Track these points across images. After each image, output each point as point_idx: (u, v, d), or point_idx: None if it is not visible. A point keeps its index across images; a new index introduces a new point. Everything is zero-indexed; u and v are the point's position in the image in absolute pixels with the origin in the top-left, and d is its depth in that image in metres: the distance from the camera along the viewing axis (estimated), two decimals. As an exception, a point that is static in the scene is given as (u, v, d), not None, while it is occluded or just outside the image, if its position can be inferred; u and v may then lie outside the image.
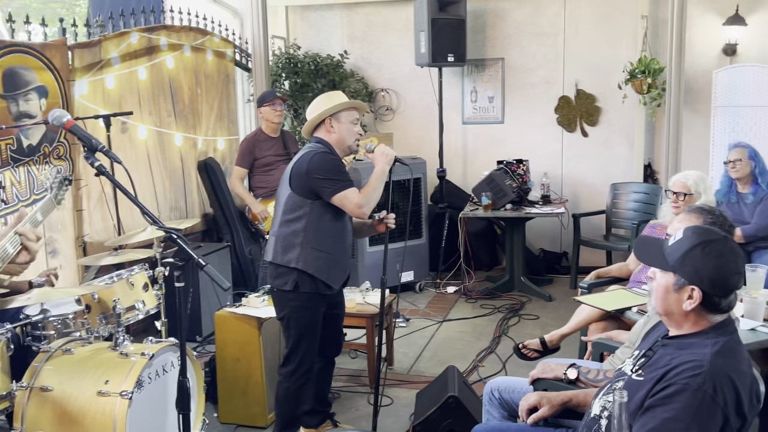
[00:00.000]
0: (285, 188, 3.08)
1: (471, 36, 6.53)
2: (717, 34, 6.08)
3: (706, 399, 1.70)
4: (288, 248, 3.04)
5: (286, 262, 3.04)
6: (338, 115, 3.10)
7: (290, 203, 3.05)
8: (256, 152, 4.85)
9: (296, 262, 3.02)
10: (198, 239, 5.72)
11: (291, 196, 3.05)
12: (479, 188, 5.87)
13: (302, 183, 3.01)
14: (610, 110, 6.47)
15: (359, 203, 2.99)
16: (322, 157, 3.02)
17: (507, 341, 4.80)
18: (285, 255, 3.04)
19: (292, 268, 3.03)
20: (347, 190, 2.99)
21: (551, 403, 2.26)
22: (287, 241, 3.04)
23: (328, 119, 3.10)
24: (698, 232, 1.85)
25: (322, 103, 3.13)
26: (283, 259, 3.05)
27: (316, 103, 3.15)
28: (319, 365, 3.31)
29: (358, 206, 2.99)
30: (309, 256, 3.02)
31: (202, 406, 3.35)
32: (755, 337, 2.77)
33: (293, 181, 3.04)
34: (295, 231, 3.03)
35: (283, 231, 3.06)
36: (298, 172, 3.03)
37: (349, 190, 3.00)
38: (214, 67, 5.98)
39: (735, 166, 4.55)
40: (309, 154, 3.03)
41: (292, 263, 3.02)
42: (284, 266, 3.05)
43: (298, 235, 3.03)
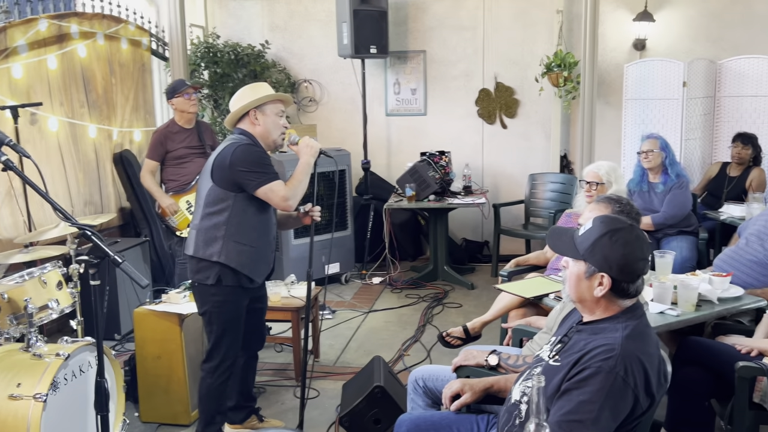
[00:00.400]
0: (206, 180, 3.01)
1: (393, 28, 6.57)
2: (627, 29, 6.34)
3: (618, 381, 1.79)
4: (210, 242, 2.98)
5: (208, 255, 2.97)
6: (263, 107, 3.04)
7: (212, 196, 2.98)
8: (168, 144, 4.69)
9: (218, 256, 2.96)
10: (115, 234, 5.54)
11: (213, 188, 2.98)
12: (403, 180, 5.92)
13: (225, 175, 2.95)
14: (528, 103, 6.65)
15: (285, 196, 2.95)
16: (246, 149, 2.96)
17: (431, 330, 4.88)
18: (207, 249, 2.98)
19: (214, 262, 2.97)
20: (273, 183, 2.95)
21: (473, 390, 2.31)
22: (209, 234, 2.98)
23: (253, 111, 3.03)
24: (606, 222, 1.93)
25: (246, 94, 3.06)
26: (204, 252, 2.98)
27: (240, 95, 3.08)
28: (242, 360, 3.27)
29: (284, 199, 2.96)
30: (232, 250, 2.97)
31: (122, 406, 3.27)
32: (663, 320, 2.91)
33: (215, 174, 2.97)
34: (217, 224, 2.97)
35: (204, 224, 3.00)
36: (220, 164, 2.96)
37: (275, 182, 2.96)
38: (129, 56, 5.78)
39: (647, 156, 4.75)
40: (232, 146, 2.97)
41: (214, 257, 2.97)
42: (206, 260, 2.98)
43: (220, 228, 2.97)
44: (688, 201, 4.72)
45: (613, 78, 6.41)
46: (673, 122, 5.80)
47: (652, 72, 5.89)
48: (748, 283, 3.41)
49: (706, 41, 6.25)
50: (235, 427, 3.41)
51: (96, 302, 2.02)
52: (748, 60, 5.77)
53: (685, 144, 5.79)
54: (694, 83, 5.75)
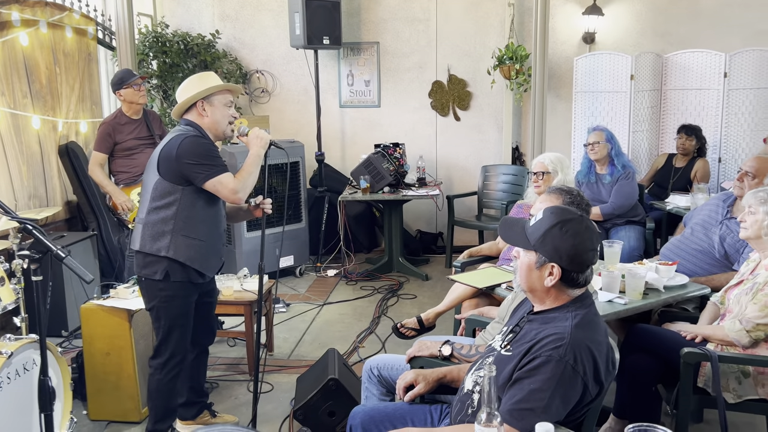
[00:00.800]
0: (153, 174, 2.93)
1: (346, 19, 6.53)
2: (577, 22, 6.43)
3: (568, 369, 1.81)
4: (157, 236, 2.91)
5: (156, 250, 2.91)
6: (211, 98, 2.96)
7: (159, 189, 2.91)
8: (117, 136, 4.58)
9: (167, 251, 2.90)
10: (62, 228, 5.38)
11: (160, 182, 2.90)
12: (358, 171, 5.91)
13: (172, 168, 2.87)
14: (481, 95, 6.69)
15: (234, 189, 2.90)
16: (193, 141, 2.88)
17: (386, 321, 4.89)
18: (154, 243, 2.91)
19: (161, 257, 2.91)
20: (221, 176, 2.89)
21: (427, 380, 2.32)
22: (156, 228, 2.91)
23: (201, 102, 2.96)
24: (556, 213, 1.95)
25: (193, 84, 2.98)
26: (152, 247, 2.92)
27: (186, 85, 3.00)
28: (192, 355, 3.22)
29: (233, 192, 2.90)
30: (180, 244, 2.92)
31: (69, 404, 3.19)
32: (612, 308, 2.97)
33: (162, 167, 2.90)
34: (164, 218, 2.90)
35: (151, 218, 2.93)
36: (167, 156, 2.88)
37: (224, 175, 2.90)
38: (75, 45, 5.61)
39: (594, 148, 4.84)
40: (178, 137, 2.89)
41: (162, 252, 2.90)
42: (153, 255, 2.92)
43: (168, 222, 2.90)
44: (635, 191, 4.83)
45: (564, 71, 6.50)
46: (621, 114, 5.91)
47: (601, 65, 5.99)
48: (693, 271, 3.51)
49: (653, 35, 6.39)
50: (188, 423, 3.36)
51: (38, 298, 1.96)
52: (693, 54, 5.92)
53: (632, 136, 5.91)
54: (642, 76, 5.87)
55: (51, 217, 5.13)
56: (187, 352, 3.10)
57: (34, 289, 1.98)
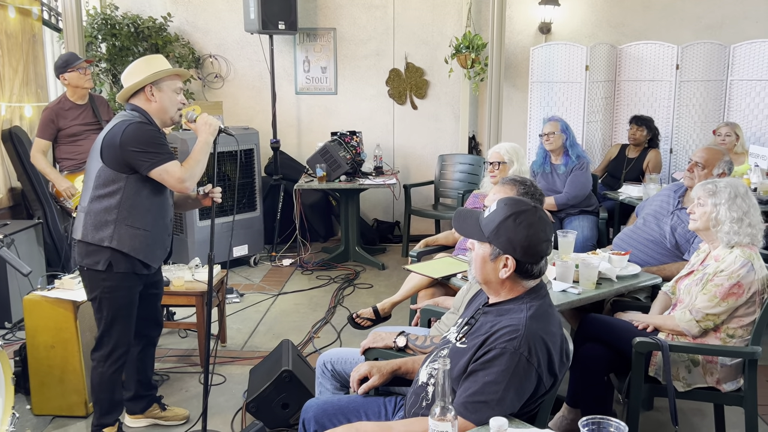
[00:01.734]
0: (96, 161, 2.82)
1: (302, 4, 6.42)
2: (534, 12, 6.46)
3: (522, 361, 1.80)
4: (100, 226, 2.81)
5: (98, 240, 2.81)
6: (160, 83, 2.86)
7: (102, 177, 2.80)
8: (60, 122, 4.41)
9: (109, 241, 2.81)
10: (6, 216, 5.19)
11: (103, 169, 2.80)
12: (314, 160, 5.83)
13: (116, 156, 2.77)
14: (438, 84, 6.67)
15: (181, 177, 2.81)
16: (138, 128, 2.77)
17: (342, 311, 4.85)
18: (97, 233, 2.82)
19: (104, 247, 2.82)
20: (168, 164, 2.80)
21: (381, 372, 2.29)
22: (99, 218, 2.82)
23: (149, 87, 2.85)
24: (510, 204, 1.93)
25: (141, 68, 2.87)
26: (94, 237, 2.82)
27: (134, 68, 2.89)
28: (138, 348, 3.14)
29: (180, 180, 2.81)
30: (124, 234, 2.82)
31: (11, 399, 3.06)
32: (566, 298, 2.98)
33: (105, 154, 2.79)
34: (108, 207, 2.81)
35: (94, 207, 2.83)
36: (110, 143, 2.77)
37: (170, 163, 2.81)
38: (18, 25, 5.39)
39: (549, 138, 4.87)
40: (123, 124, 2.78)
41: (105, 242, 2.81)
42: (95, 245, 2.82)
43: (111, 211, 2.81)
44: (589, 182, 4.88)
45: (520, 61, 6.52)
46: (576, 105, 5.96)
47: (556, 55, 6.02)
48: (645, 261, 3.55)
49: (608, 26, 6.45)
50: (136, 417, 3.28)
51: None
52: (647, 45, 6.00)
53: (587, 126, 5.97)
54: (596, 67, 5.93)
55: (-7, 205, 4.94)
56: (130, 344, 3.01)
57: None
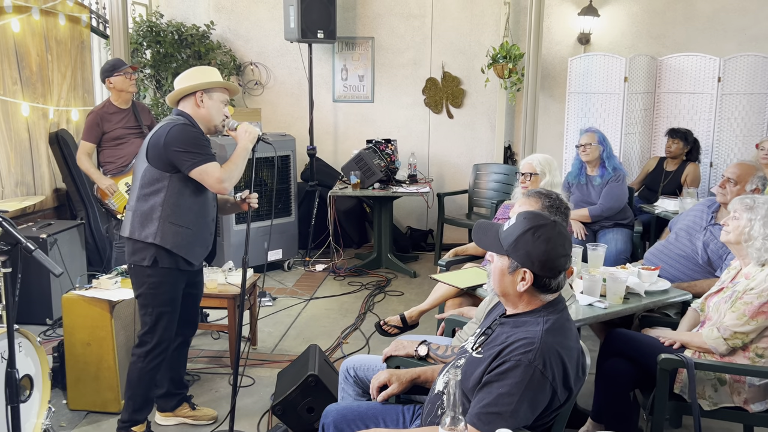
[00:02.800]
0: (142, 161, 2.97)
1: (341, 13, 6.50)
2: (572, 23, 6.42)
3: (537, 374, 1.81)
4: (146, 223, 2.94)
5: (144, 237, 2.94)
6: (211, 92, 3.01)
7: (147, 177, 2.95)
8: (105, 126, 4.57)
9: (154, 238, 2.93)
10: (51, 216, 5.37)
11: (148, 169, 2.94)
12: (348, 167, 5.89)
13: (160, 156, 2.90)
14: (474, 93, 6.68)
15: (220, 178, 2.92)
16: (182, 129, 2.91)
17: (372, 318, 4.89)
18: (142, 230, 2.94)
19: (149, 244, 2.94)
20: (207, 164, 2.91)
21: (400, 380, 2.32)
22: (145, 216, 2.95)
23: (200, 93, 2.99)
24: (529, 218, 1.95)
25: (196, 75, 3.02)
26: (140, 234, 2.95)
27: (188, 74, 3.03)
28: (174, 345, 3.22)
29: (218, 181, 2.92)
30: (168, 231, 2.94)
31: (47, 394, 3.18)
32: (592, 312, 2.96)
33: (150, 154, 2.93)
34: (153, 205, 2.94)
35: (140, 206, 2.96)
36: (155, 144, 2.91)
37: (210, 164, 2.92)
38: (68, 32, 5.59)
39: (585, 149, 4.84)
40: (168, 125, 2.93)
41: (149, 238, 2.93)
42: (141, 241, 2.95)
43: (156, 209, 2.93)
44: (624, 194, 4.83)
45: (558, 71, 6.49)
46: (613, 116, 5.90)
47: (595, 66, 5.98)
48: (675, 276, 3.51)
49: (648, 37, 6.38)
50: (166, 415, 3.36)
51: (7, 291, 1.95)
52: (688, 57, 5.91)
53: (624, 138, 5.91)
54: (636, 78, 5.86)
55: (39, 205, 5.12)
56: (171, 340, 3.11)
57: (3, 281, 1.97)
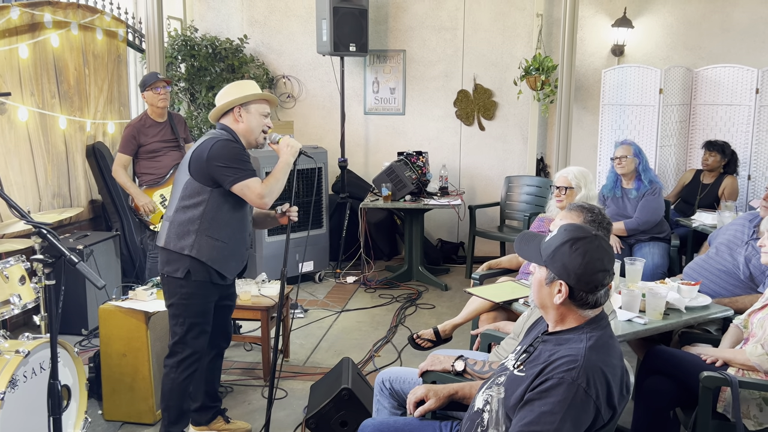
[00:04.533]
0: (184, 173, 3.00)
1: (373, 26, 6.54)
2: (606, 34, 6.36)
3: (580, 392, 1.77)
4: (183, 235, 2.96)
5: (180, 248, 2.96)
6: (248, 105, 3.03)
7: (189, 189, 2.97)
8: (141, 138, 4.64)
9: (190, 250, 2.95)
10: (86, 227, 5.45)
11: (190, 182, 2.96)
12: (380, 179, 5.89)
13: (202, 169, 2.93)
14: (506, 105, 6.65)
15: (261, 193, 2.94)
16: (224, 145, 2.93)
17: (403, 331, 4.87)
18: (179, 241, 2.97)
19: (185, 255, 2.96)
20: (249, 180, 2.93)
21: (437, 396, 2.30)
22: (182, 227, 2.97)
23: (238, 108, 3.02)
24: (569, 230, 1.92)
25: (233, 90, 3.05)
26: (176, 245, 2.97)
27: (227, 90, 3.07)
28: (208, 358, 3.24)
29: (260, 196, 2.94)
30: (204, 245, 2.96)
31: (84, 404, 3.22)
32: (631, 328, 2.91)
33: (193, 167, 2.95)
34: (191, 218, 2.96)
35: (179, 217, 2.98)
36: (198, 157, 2.94)
37: (251, 179, 2.94)
38: (105, 47, 5.69)
39: (621, 162, 4.78)
40: (211, 140, 2.95)
41: (185, 250, 2.95)
42: (177, 252, 2.97)
43: (194, 222, 2.96)
44: (661, 207, 4.75)
45: (591, 83, 6.43)
46: (648, 128, 5.83)
47: (629, 78, 5.91)
48: (716, 292, 3.43)
49: (683, 49, 6.29)
50: (201, 429, 3.36)
51: (50, 303, 1.96)
52: (724, 68, 5.82)
53: (660, 150, 5.82)
54: (671, 90, 5.78)
55: (75, 217, 5.20)
56: (203, 352, 3.12)
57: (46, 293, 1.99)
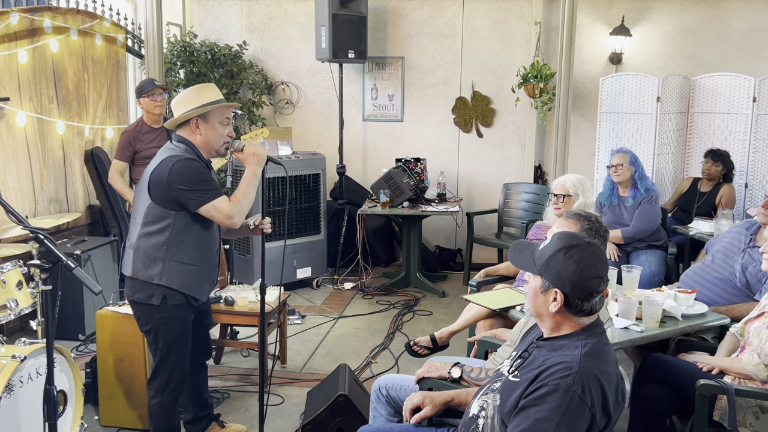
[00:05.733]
0: (144, 198, 2.79)
1: (372, 33, 6.56)
2: (604, 43, 6.39)
3: (575, 399, 1.78)
4: (149, 263, 2.79)
5: (149, 278, 2.79)
6: (207, 115, 2.83)
7: (152, 214, 2.77)
8: (137, 145, 4.64)
9: (159, 278, 2.79)
10: (84, 233, 5.45)
11: (152, 206, 2.77)
12: (378, 185, 5.90)
13: (164, 193, 2.73)
14: (504, 112, 6.67)
15: (229, 213, 2.77)
16: (184, 165, 2.73)
17: (401, 337, 4.86)
18: (146, 270, 2.79)
19: (155, 284, 2.80)
20: (216, 200, 2.76)
21: (434, 403, 2.30)
22: (148, 255, 2.79)
23: (195, 119, 2.82)
24: (562, 238, 1.93)
25: (190, 98, 2.83)
26: (144, 274, 2.79)
27: (183, 97, 2.85)
28: (191, 374, 3.14)
29: (228, 216, 2.77)
30: (174, 271, 2.80)
31: (80, 409, 3.21)
32: (627, 335, 2.91)
33: (153, 191, 2.75)
34: (156, 244, 2.78)
35: (143, 244, 2.79)
36: (157, 180, 2.74)
37: (219, 199, 2.77)
38: (104, 52, 5.70)
39: (617, 170, 4.79)
40: (170, 160, 2.75)
41: (155, 279, 2.79)
42: (146, 282, 2.80)
43: (160, 248, 2.78)
44: (658, 215, 4.76)
45: (589, 91, 6.45)
46: (646, 136, 5.84)
47: (627, 86, 5.93)
48: (713, 300, 3.44)
49: (681, 57, 6.32)
50: (197, 437, 3.35)
51: (47, 308, 1.97)
52: (722, 77, 5.84)
53: (657, 158, 5.84)
54: (668, 98, 5.80)
55: (72, 222, 5.20)
56: (185, 372, 3.00)
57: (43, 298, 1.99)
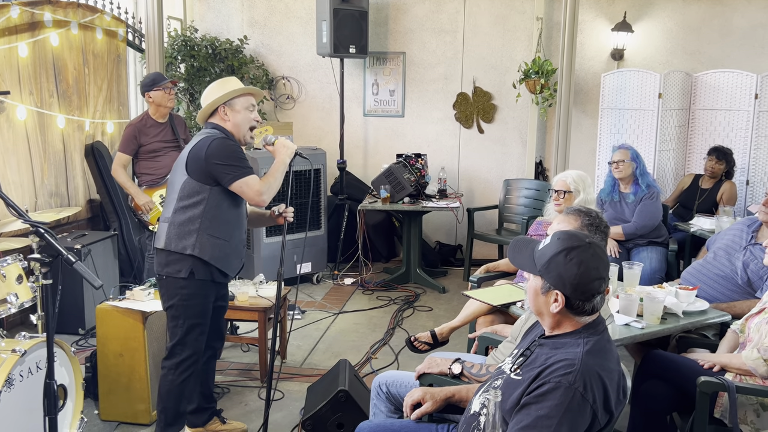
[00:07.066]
0: (180, 174, 2.98)
1: (373, 28, 6.54)
2: (606, 39, 6.37)
3: (577, 396, 1.77)
4: (183, 235, 2.95)
5: (181, 248, 2.95)
6: (232, 102, 3.04)
7: (187, 189, 2.96)
8: (142, 138, 4.63)
9: (192, 249, 2.94)
10: (84, 227, 5.44)
11: (188, 181, 2.95)
12: (378, 181, 5.89)
13: (201, 168, 2.93)
14: (505, 108, 6.65)
15: (260, 190, 2.95)
16: (221, 143, 2.94)
17: (401, 333, 4.86)
18: (180, 241, 2.96)
19: (187, 255, 2.95)
20: (248, 177, 2.95)
21: (434, 399, 2.29)
22: (183, 227, 2.96)
23: (222, 107, 3.04)
24: (563, 239, 1.91)
25: (215, 90, 3.06)
26: (178, 245, 2.96)
27: (209, 91, 3.08)
28: (204, 359, 3.22)
29: (258, 193, 2.95)
30: (206, 243, 2.96)
31: (80, 404, 3.21)
32: (628, 332, 2.90)
33: (190, 166, 2.95)
34: (191, 217, 2.95)
35: (178, 217, 2.97)
36: (195, 156, 2.94)
37: (250, 177, 2.96)
38: (104, 46, 5.69)
39: (618, 166, 4.78)
40: (207, 139, 2.95)
41: (187, 250, 2.94)
42: (178, 253, 2.96)
43: (194, 221, 2.95)
44: (659, 212, 4.75)
45: (590, 87, 6.44)
46: (647, 133, 5.83)
47: (628, 82, 5.92)
48: (714, 297, 3.43)
49: (683, 53, 6.30)
50: (197, 430, 3.36)
51: (47, 302, 1.96)
52: (724, 74, 5.83)
53: (658, 155, 5.83)
54: (670, 95, 5.79)
55: (73, 216, 5.19)
56: (201, 353, 3.11)
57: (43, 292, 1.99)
